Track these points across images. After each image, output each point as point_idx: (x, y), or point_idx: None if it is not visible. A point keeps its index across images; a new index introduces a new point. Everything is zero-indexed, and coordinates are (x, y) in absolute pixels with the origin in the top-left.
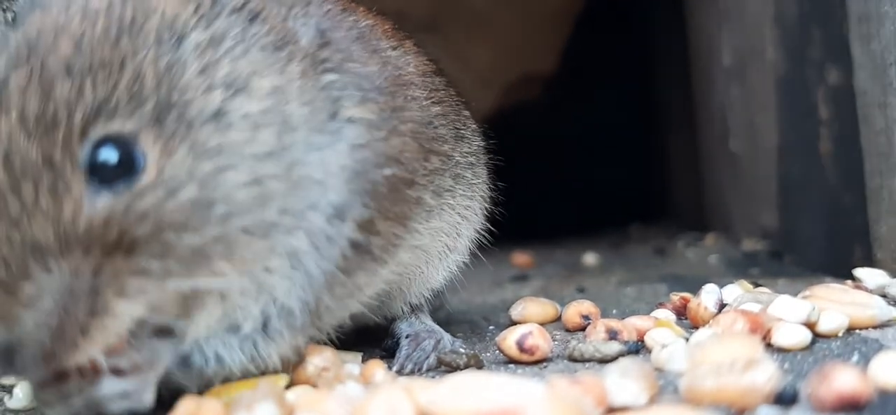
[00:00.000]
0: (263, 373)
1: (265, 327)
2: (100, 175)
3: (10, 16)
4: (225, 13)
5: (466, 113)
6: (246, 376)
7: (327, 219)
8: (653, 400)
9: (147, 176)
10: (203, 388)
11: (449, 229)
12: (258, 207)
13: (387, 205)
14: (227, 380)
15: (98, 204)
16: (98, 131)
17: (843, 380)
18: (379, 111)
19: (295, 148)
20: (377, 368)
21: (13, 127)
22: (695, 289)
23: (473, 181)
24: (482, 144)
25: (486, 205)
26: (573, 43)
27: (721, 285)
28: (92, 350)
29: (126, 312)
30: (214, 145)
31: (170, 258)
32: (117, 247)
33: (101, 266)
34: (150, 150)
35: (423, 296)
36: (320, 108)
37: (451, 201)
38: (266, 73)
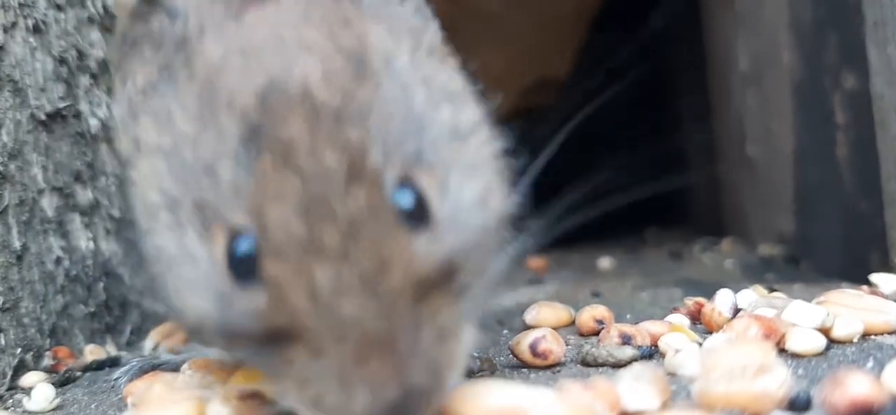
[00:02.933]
0: None
1: None
2: (407, 220)
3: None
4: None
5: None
6: None
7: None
8: (665, 405)
9: (438, 211)
10: None
11: None
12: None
13: None
14: None
15: (420, 247)
16: (392, 176)
17: (857, 386)
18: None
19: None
20: None
21: (324, 183)
22: (710, 294)
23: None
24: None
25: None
26: (588, 48)
27: (736, 290)
28: (449, 389)
29: (468, 343)
30: (473, 158)
31: (475, 278)
32: (439, 286)
33: (436, 309)
34: (428, 183)
35: None
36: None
37: None
38: (455, 76)
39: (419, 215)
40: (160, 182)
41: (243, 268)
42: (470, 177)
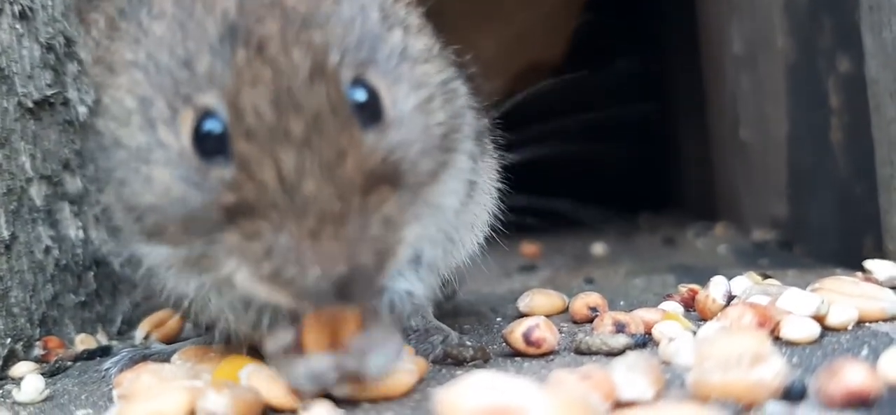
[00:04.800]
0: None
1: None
2: (360, 116)
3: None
4: None
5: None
6: None
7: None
8: (659, 395)
9: (388, 111)
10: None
11: (478, 198)
12: (453, 131)
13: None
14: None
15: (370, 142)
16: (348, 75)
17: (852, 376)
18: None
19: (451, 80)
20: None
21: (292, 76)
22: (704, 279)
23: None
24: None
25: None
26: (581, 31)
27: (730, 276)
28: (388, 275)
29: (409, 237)
30: (420, 77)
31: (419, 184)
32: (385, 180)
33: (381, 200)
34: (380, 87)
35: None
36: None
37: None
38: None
39: (371, 111)
40: (134, 88)
41: (209, 145)
42: (415, 89)
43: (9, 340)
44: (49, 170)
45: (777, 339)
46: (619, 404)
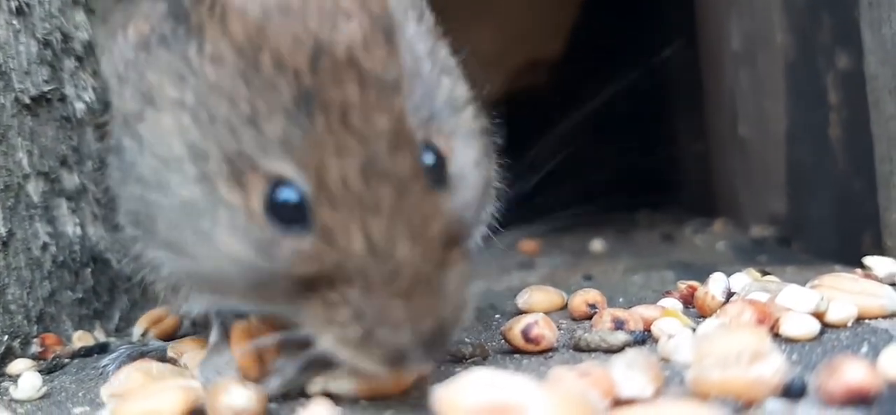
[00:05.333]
0: None
1: None
2: (429, 178)
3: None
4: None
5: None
6: None
7: None
8: (658, 392)
9: (451, 172)
10: None
11: None
12: (491, 175)
13: None
14: None
15: (444, 203)
16: (420, 137)
17: (853, 373)
18: None
19: (481, 119)
20: None
21: (377, 144)
22: (702, 276)
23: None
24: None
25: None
26: (579, 27)
27: (729, 273)
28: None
29: (475, 290)
30: (467, 127)
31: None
32: (454, 238)
33: (453, 257)
34: (442, 147)
35: None
36: None
37: None
38: (449, 53)
39: (437, 174)
40: (185, 136)
41: (285, 215)
42: (468, 144)
43: (6, 337)
44: (46, 166)
45: (776, 336)
46: (618, 402)
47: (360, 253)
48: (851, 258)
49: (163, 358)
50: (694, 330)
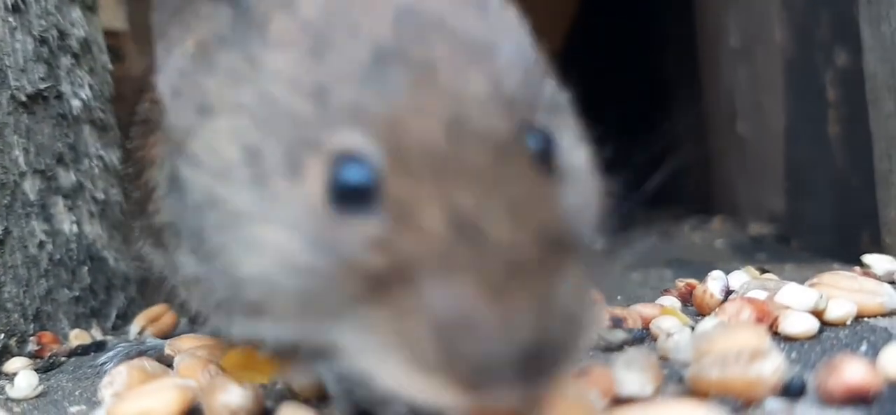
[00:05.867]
0: None
1: None
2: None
3: None
4: None
5: None
6: None
7: None
8: (658, 391)
9: (561, 163)
10: None
11: None
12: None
13: None
14: None
15: (555, 190)
16: (520, 114)
17: (852, 372)
18: None
19: None
20: None
21: (469, 101)
22: (701, 274)
23: None
24: None
25: None
26: (578, 23)
27: (727, 271)
28: (574, 358)
29: (598, 316)
30: (577, 131)
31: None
32: (564, 244)
33: (567, 264)
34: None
35: None
36: None
37: None
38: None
39: (547, 161)
40: (240, 138)
41: (350, 196)
42: (578, 146)
43: (2, 335)
44: (42, 164)
45: (776, 334)
46: (617, 400)
47: (443, 232)
48: (850, 256)
49: (160, 356)
50: (693, 328)
